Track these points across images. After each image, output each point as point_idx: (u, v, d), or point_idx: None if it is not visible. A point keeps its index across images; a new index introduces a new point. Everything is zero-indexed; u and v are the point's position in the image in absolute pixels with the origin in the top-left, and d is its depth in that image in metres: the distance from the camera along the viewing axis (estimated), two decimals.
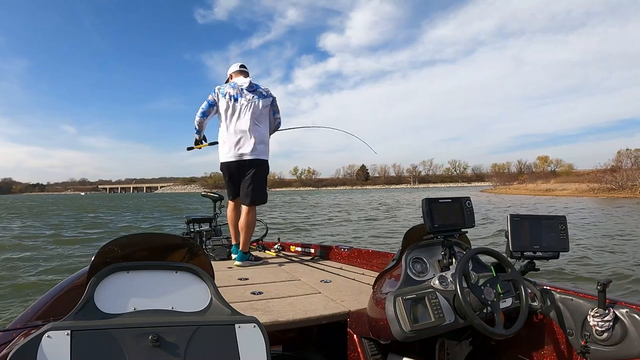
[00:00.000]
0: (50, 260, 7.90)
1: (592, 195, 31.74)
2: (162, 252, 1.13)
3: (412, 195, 45.41)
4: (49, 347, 0.85)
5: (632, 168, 34.58)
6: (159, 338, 0.92)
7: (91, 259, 1.05)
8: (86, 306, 0.98)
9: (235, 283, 2.36)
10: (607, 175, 34.48)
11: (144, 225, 16.77)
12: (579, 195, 32.48)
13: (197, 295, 1.09)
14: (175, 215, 21.46)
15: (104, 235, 12.44)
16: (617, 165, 41.35)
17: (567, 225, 1.70)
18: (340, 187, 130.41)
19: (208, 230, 3.79)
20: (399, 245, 1.70)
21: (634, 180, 30.20)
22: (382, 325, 1.46)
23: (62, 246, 10.02)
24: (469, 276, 1.50)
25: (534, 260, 1.66)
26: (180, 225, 10.01)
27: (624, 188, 30.33)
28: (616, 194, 29.67)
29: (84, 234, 13.22)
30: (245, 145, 3.05)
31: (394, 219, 16.19)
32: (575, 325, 1.55)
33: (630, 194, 28.66)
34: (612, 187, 31.49)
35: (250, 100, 3.10)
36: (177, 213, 23.80)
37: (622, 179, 31.34)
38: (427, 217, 1.63)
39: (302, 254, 3.33)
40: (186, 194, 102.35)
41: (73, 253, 8.89)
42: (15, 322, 1.46)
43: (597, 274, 5.75)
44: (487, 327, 1.41)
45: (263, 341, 1.01)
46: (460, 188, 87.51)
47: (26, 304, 4.48)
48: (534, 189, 43.86)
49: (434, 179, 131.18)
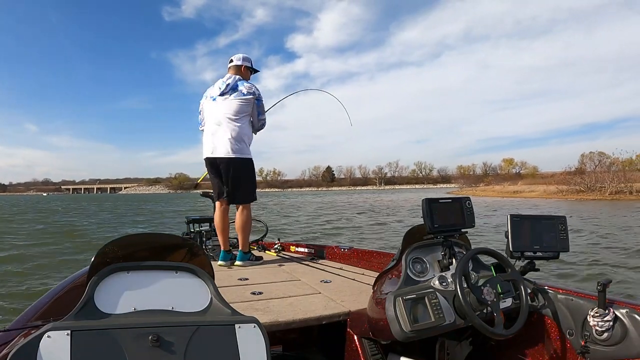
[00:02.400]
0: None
1: (561, 197, 31.97)
2: (162, 252, 1.13)
3: (380, 197, 44.90)
4: (49, 347, 0.85)
5: (600, 170, 35.28)
6: (159, 338, 0.92)
7: (91, 259, 1.05)
8: (86, 306, 0.98)
9: (235, 283, 2.36)
10: (576, 177, 34.95)
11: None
12: (548, 197, 32.62)
13: (197, 295, 1.09)
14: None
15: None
16: (581, 168, 42.75)
17: (567, 226, 1.71)
18: (306, 189, 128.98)
19: (208, 230, 3.79)
20: (399, 245, 1.71)
21: (602, 182, 30.63)
22: (382, 325, 1.46)
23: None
24: (469, 276, 1.50)
25: (534, 260, 1.66)
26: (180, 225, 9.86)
27: (592, 190, 30.73)
28: (585, 196, 30.00)
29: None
30: (218, 145, 3.01)
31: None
32: (575, 325, 1.55)
33: (599, 196, 29.02)
34: (580, 188, 31.85)
35: (227, 99, 3.04)
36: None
37: (591, 180, 31.80)
38: (427, 217, 1.63)
39: (302, 254, 3.33)
40: (151, 195, 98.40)
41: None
42: (15, 322, 1.46)
43: (597, 274, 5.76)
44: (487, 327, 1.41)
45: (263, 341, 1.01)
46: (426, 190, 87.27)
47: (26, 304, 4.42)
48: (501, 191, 44.08)
49: (400, 181, 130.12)
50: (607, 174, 31.94)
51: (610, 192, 29.26)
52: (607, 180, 30.44)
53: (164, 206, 35.63)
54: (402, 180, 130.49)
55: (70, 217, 21.80)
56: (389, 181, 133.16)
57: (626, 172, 32.22)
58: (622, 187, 29.40)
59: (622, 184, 29.65)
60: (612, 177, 30.76)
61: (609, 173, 32.27)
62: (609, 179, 30.59)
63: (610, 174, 31.77)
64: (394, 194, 55.44)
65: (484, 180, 73.62)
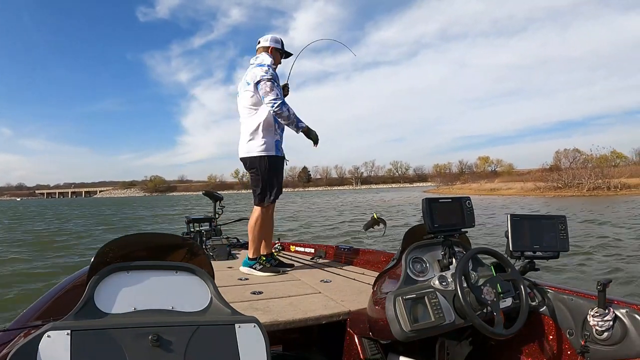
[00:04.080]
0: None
1: (538, 194, 31.78)
2: (162, 252, 1.13)
3: (355, 197, 42.91)
4: (49, 347, 0.85)
5: (577, 167, 35.09)
6: (159, 338, 0.92)
7: (91, 259, 1.05)
8: (86, 306, 0.98)
9: (235, 283, 2.36)
10: (553, 174, 34.81)
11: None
12: (526, 194, 32.37)
13: (197, 295, 1.09)
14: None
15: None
16: (555, 165, 42.63)
17: (567, 225, 1.71)
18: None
19: (208, 230, 3.79)
20: (399, 245, 1.71)
21: (580, 179, 30.59)
22: (382, 325, 1.46)
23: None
24: (469, 276, 1.50)
25: (534, 260, 1.66)
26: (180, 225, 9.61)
27: (570, 187, 30.65)
28: (563, 192, 29.88)
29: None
30: (240, 144, 2.83)
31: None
32: (575, 325, 1.55)
33: (577, 192, 28.96)
34: (558, 185, 31.75)
35: (240, 92, 2.81)
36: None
37: (569, 177, 31.70)
38: (427, 217, 1.63)
39: (302, 254, 3.33)
40: (126, 199, 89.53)
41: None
42: (15, 322, 1.46)
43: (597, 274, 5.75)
44: (487, 327, 1.41)
45: (263, 341, 1.01)
46: (402, 189, 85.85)
47: (26, 304, 4.36)
48: (478, 189, 43.71)
49: (376, 180, 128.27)
50: (585, 170, 31.83)
51: (588, 188, 29.25)
52: (584, 176, 30.45)
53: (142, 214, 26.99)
54: (378, 180, 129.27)
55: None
56: (365, 181, 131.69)
57: (603, 168, 32.06)
58: (600, 183, 29.40)
59: (599, 179, 29.64)
60: (589, 173, 30.72)
61: (586, 169, 32.18)
62: (586, 175, 30.59)
63: (587, 170, 31.68)
64: (369, 194, 54.47)
65: (461, 178, 73.04)
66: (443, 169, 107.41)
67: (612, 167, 33.97)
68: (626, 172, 32.98)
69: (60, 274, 6.24)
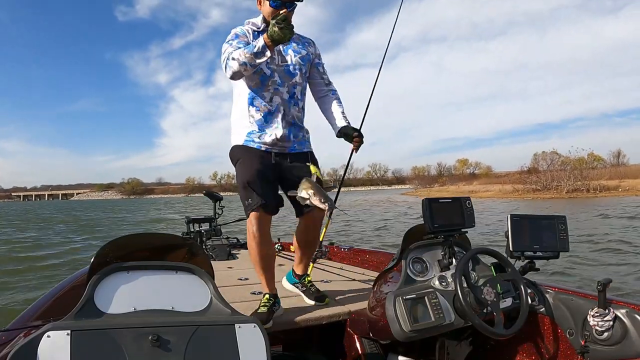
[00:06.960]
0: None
1: (517, 196, 31.11)
2: (162, 252, 1.13)
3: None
4: (49, 347, 0.85)
5: (556, 169, 34.73)
6: (159, 338, 0.92)
7: (91, 259, 1.05)
8: (86, 306, 0.98)
9: (235, 283, 2.36)
10: (532, 176, 34.43)
11: None
12: (504, 197, 31.58)
13: (197, 295, 1.09)
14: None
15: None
16: (533, 167, 42.20)
17: (567, 225, 1.71)
18: None
19: (208, 230, 3.79)
20: (399, 245, 1.71)
21: (559, 181, 30.30)
22: (382, 325, 1.46)
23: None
24: (469, 276, 1.50)
25: (534, 260, 1.66)
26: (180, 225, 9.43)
27: (549, 189, 30.32)
28: (542, 195, 29.50)
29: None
30: None
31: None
32: (575, 325, 1.55)
33: (556, 194, 28.63)
34: (537, 187, 31.39)
35: None
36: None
37: (547, 179, 31.36)
38: (427, 217, 1.63)
39: None
40: (103, 202, 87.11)
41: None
42: (15, 322, 1.46)
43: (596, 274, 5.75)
44: (487, 327, 1.41)
45: (263, 341, 1.01)
46: (381, 191, 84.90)
47: (26, 304, 4.33)
48: (456, 191, 43.06)
49: (355, 183, 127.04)
50: (564, 172, 31.46)
51: (567, 190, 28.99)
52: (563, 178, 30.18)
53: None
54: (356, 182, 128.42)
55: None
56: (344, 183, 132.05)
57: (583, 170, 31.73)
58: (579, 185, 29.26)
59: (578, 182, 29.46)
60: (568, 175, 30.44)
61: (565, 171, 31.77)
62: (565, 177, 30.32)
63: (566, 172, 31.35)
64: (346, 196, 53.97)
65: (439, 180, 73.18)
66: (421, 172, 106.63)
67: (591, 169, 33.63)
68: (605, 174, 32.88)
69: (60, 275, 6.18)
